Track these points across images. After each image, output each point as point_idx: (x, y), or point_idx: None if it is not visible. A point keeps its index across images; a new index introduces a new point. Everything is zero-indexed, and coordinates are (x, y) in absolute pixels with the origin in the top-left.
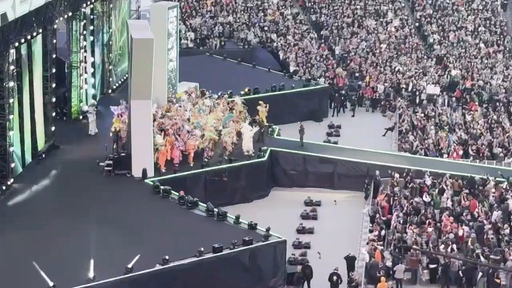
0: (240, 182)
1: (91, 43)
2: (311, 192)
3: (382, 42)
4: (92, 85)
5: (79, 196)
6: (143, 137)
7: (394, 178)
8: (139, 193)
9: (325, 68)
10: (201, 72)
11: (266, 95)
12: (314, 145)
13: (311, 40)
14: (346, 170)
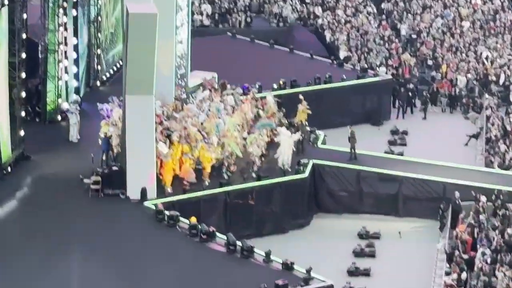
0: (271, 206)
1: (74, 19)
2: (367, 221)
3: (464, 19)
4: (74, 75)
5: (57, 224)
6: (142, 146)
7: (479, 202)
8: (137, 221)
9: (387, 54)
10: (221, 59)
11: (307, 90)
12: (371, 158)
13: (369, 15)
14: (414, 191)
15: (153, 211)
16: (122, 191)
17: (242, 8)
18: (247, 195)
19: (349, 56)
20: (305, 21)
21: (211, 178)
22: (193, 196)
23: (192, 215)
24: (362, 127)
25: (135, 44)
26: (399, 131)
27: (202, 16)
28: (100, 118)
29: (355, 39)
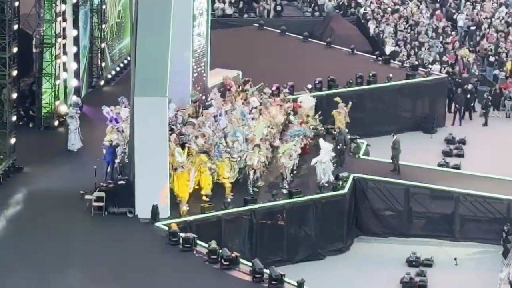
0: (305, 228)
1: (74, 7)
2: (417, 245)
3: None
4: (74, 73)
5: (53, 247)
6: (154, 156)
7: None
8: (147, 244)
9: (442, 49)
10: (246, 54)
11: (347, 91)
12: (422, 171)
13: (420, 3)
14: (473, 211)
15: (166, 232)
16: (130, 209)
17: None
18: (277, 214)
19: (397, 52)
20: (345, 10)
21: (234, 194)
22: (213, 215)
23: (212, 238)
24: (411, 135)
25: (146, 37)
26: (455, 139)
27: (225, 3)
28: (104, 123)
29: (403, 31)
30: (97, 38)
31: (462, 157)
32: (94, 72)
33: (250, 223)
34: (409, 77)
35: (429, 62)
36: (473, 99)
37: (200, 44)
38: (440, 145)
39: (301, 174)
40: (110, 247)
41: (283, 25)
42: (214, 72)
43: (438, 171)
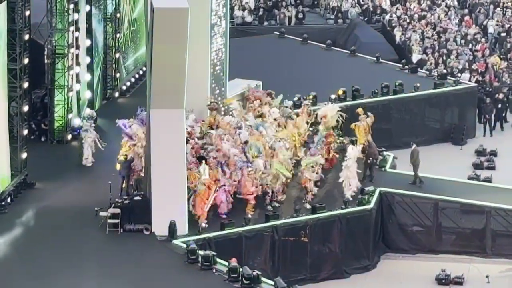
0: (329, 244)
1: (87, 16)
2: (447, 263)
3: None
4: (87, 85)
5: (67, 266)
6: (171, 169)
7: None
8: (164, 262)
9: (471, 57)
10: (266, 63)
11: (372, 101)
12: (452, 184)
13: (448, 9)
14: (506, 226)
15: (184, 250)
16: (147, 226)
17: (292, 1)
18: (300, 231)
19: (424, 60)
20: (370, 16)
21: (256, 210)
22: (233, 232)
23: (232, 256)
24: (440, 146)
25: (162, 46)
26: (486, 151)
27: (244, 11)
28: (120, 137)
29: (431, 38)
30: (111, 48)
31: (493, 169)
32: (108, 84)
33: (272, 240)
34: (437, 86)
35: (458, 70)
36: (505, 108)
37: (218, 54)
38: (470, 157)
39: (325, 188)
40: (126, 266)
41: (305, 33)
42: (234, 82)
43: (468, 185)
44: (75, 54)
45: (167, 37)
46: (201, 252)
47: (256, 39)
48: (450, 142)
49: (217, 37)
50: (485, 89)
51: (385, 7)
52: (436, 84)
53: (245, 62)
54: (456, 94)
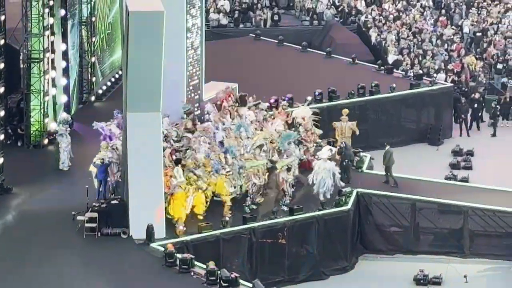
0: (307, 246)
1: (62, 20)
2: (425, 263)
3: None
4: (63, 89)
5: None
6: (148, 173)
7: None
8: (142, 266)
9: (447, 57)
10: (242, 66)
11: (348, 102)
12: (429, 185)
13: (423, 10)
14: (483, 225)
15: (162, 253)
16: (124, 229)
17: (268, 3)
18: (277, 233)
19: (400, 60)
20: (345, 18)
21: (233, 212)
22: (211, 235)
23: (210, 259)
24: (417, 147)
25: (138, 49)
26: (462, 151)
27: (219, 14)
28: (96, 140)
29: (406, 39)
30: (87, 52)
31: (470, 169)
32: (84, 88)
33: (249, 242)
34: (413, 86)
35: (434, 70)
36: (481, 108)
37: (194, 56)
38: (447, 157)
39: (302, 190)
40: (104, 269)
41: (281, 35)
42: (210, 85)
43: (446, 185)
44: (51, 58)
45: (143, 40)
46: (179, 255)
47: (231, 41)
48: (426, 142)
49: (192, 40)
50: (461, 89)
51: (360, 8)
52: (412, 84)
53: (221, 64)
54: (432, 94)
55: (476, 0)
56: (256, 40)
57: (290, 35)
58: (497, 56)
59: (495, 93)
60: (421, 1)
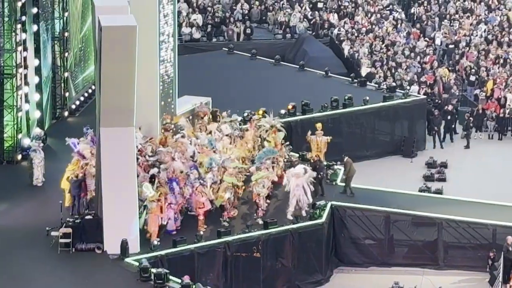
0: (282, 259)
1: (35, 35)
2: (399, 275)
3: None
4: (37, 104)
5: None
6: (122, 188)
7: None
8: (117, 281)
9: (420, 69)
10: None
11: (322, 115)
12: (403, 197)
13: (396, 23)
14: (457, 237)
15: (137, 268)
16: (98, 245)
17: (240, 17)
18: (252, 246)
19: (373, 73)
20: (318, 31)
21: (208, 227)
22: (186, 249)
23: (185, 273)
24: (391, 159)
25: (111, 64)
26: (436, 163)
27: (192, 28)
28: (70, 156)
29: (379, 52)
30: (59, 67)
31: (444, 181)
32: (57, 103)
33: (224, 256)
34: (386, 99)
35: (407, 83)
36: (454, 120)
37: (167, 71)
38: (420, 170)
39: (276, 203)
40: (78, 285)
41: (254, 48)
42: (183, 99)
43: (420, 197)
44: (24, 74)
45: (116, 55)
46: (153, 270)
47: (204, 55)
48: (400, 154)
49: (165, 54)
50: (434, 101)
51: (333, 21)
52: (385, 97)
53: (194, 79)
54: (406, 106)
55: (448, 12)
56: (229, 53)
57: (263, 49)
58: (469, 68)
59: (468, 105)
60: (393, 14)
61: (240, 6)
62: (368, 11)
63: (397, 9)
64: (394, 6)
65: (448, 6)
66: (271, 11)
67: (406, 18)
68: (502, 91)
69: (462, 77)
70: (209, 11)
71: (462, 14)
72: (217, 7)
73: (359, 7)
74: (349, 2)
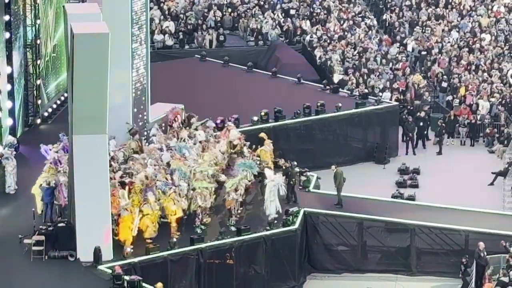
0: (255, 266)
1: (7, 43)
2: (372, 281)
3: (484, 31)
4: (9, 112)
5: None
6: (95, 195)
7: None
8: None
9: (392, 76)
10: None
11: (294, 122)
12: (376, 203)
13: (368, 29)
14: (430, 243)
15: (110, 276)
16: (71, 252)
17: (212, 24)
18: (225, 253)
19: (345, 80)
20: (290, 38)
21: (181, 233)
22: (159, 256)
23: (158, 280)
24: (363, 166)
25: (83, 72)
26: (409, 169)
27: (164, 35)
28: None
29: (351, 58)
30: (32, 75)
31: (416, 187)
32: (30, 110)
33: (197, 263)
34: (358, 105)
35: (379, 89)
36: (426, 126)
37: (139, 78)
38: (393, 176)
39: (248, 210)
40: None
41: (226, 55)
42: (156, 106)
43: (392, 203)
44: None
45: (88, 62)
46: (126, 277)
47: (177, 62)
48: (373, 161)
49: (137, 61)
50: (406, 108)
51: (305, 28)
52: (357, 103)
53: (167, 86)
54: (378, 113)
55: (420, 19)
56: (202, 61)
57: (235, 56)
58: (441, 75)
59: (440, 111)
60: (365, 21)
61: (213, 13)
62: (340, 17)
63: (369, 15)
64: (366, 13)
65: (420, 12)
66: (243, 18)
67: (378, 24)
68: (474, 97)
69: (434, 83)
70: (182, 18)
71: (434, 20)
72: (190, 14)
73: (331, 13)
74: (321, 9)
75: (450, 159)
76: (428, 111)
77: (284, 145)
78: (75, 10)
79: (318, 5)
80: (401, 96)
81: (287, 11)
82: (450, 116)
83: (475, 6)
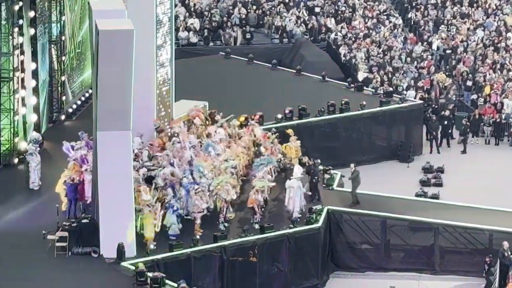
0: (278, 264)
1: (32, 39)
2: (396, 280)
3: (510, 30)
4: (33, 108)
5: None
6: (118, 192)
7: None
8: (113, 284)
9: (417, 74)
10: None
11: (319, 120)
12: (400, 202)
13: (393, 28)
14: (453, 242)
15: (133, 272)
16: (95, 248)
17: (238, 21)
18: (248, 251)
19: (370, 78)
20: (315, 35)
21: (204, 231)
22: (182, 253)
23: (181, 277)
24: (387, 164)
25: (108, 68)
26: (433, 168)
27: (189, 32)
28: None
29: (376, 56)
30: (57, 71)
31: (440, 186)
32: (54, 107)
33: (220, 261)
34: (383, 104)
35: (403, 88)
36: (451, 125)
37: (164, 75)
38: (417, 174)
39: (272, 208)
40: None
41: (251, 53)
42: (180, 103)
43: (416, 202)
44: (21, 77)
45: (113, 59)
46: (150, 274)
47: (201, 59)
48: (397, 159)
49: (162, 58)
50: (431, 106)
51: (330, 26)
52: (382, 102)
53: (191, 83)
54: (402, 111)
55: (445, 18)
56: (226, 58)
57: (260, 53)
58: (466, 73)
59: (465, 110)
60: (390, 19)
61: (238, 11)
62: (365, 16)
63: (394, 14)
64: (391, 11)
65: (445, 11)
66: (268, 15)
67: (403, 23)
68: (499, 96)
69: (459, 82)
70: (206, 15)
71: (459, 19)
72: (214, 11)
73: (356, 11)
74: (346, 7)
75: (474, 158)
76: (453, 109)
77: (308, 143)
78: (100, 6)
79: (343, 3)
80: (425, 94)
81: (311, 9)
82: (474, 115)
83: (500, 5)
